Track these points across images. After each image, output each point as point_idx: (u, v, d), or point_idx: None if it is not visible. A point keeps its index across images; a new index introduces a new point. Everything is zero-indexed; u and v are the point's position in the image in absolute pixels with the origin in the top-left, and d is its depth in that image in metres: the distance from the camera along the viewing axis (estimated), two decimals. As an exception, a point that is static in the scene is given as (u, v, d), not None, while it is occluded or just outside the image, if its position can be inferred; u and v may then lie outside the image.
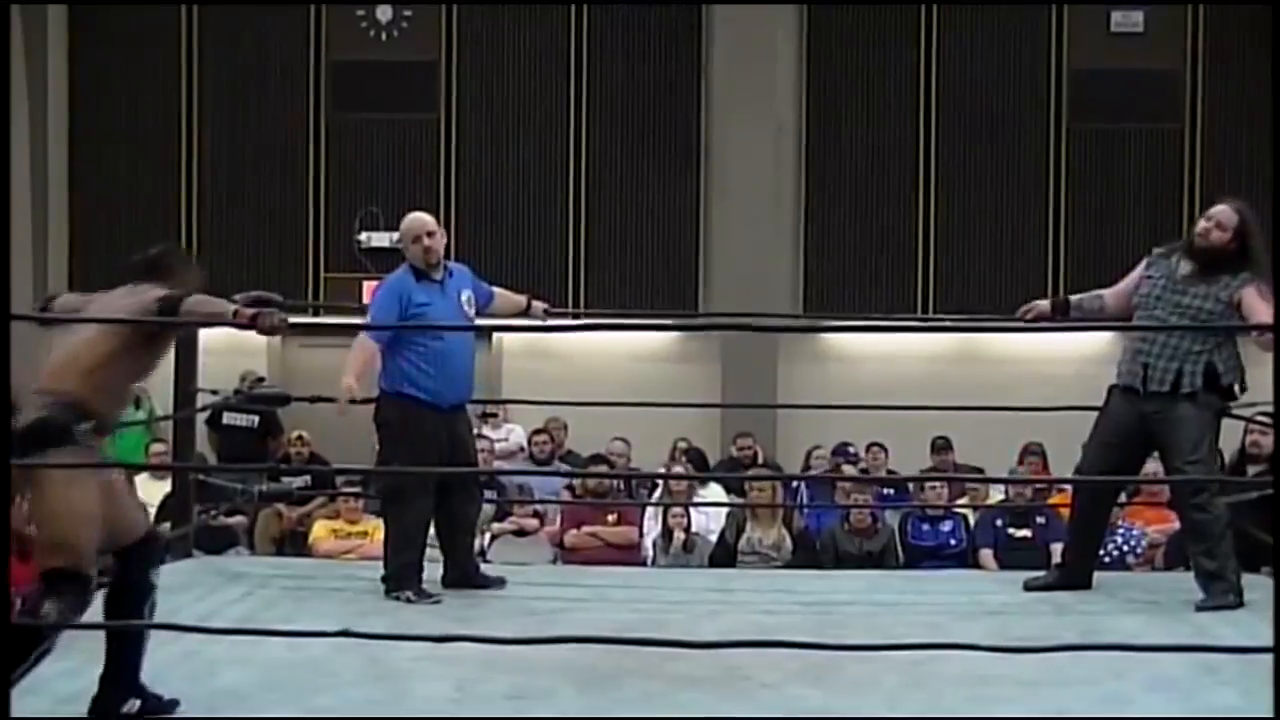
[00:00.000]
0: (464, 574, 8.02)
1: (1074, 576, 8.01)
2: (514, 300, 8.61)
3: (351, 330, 8.54)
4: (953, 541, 12.13)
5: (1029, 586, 7.97)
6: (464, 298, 8.01)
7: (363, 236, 17.17)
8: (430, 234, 8.00)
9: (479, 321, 8.24)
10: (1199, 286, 7.63)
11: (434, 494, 7.84)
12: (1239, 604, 7.36)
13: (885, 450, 14.12)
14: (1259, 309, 7.39)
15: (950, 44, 17.37)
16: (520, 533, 12.07)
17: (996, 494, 12.96)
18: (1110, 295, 8.13)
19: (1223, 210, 7.78)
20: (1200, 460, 7.54)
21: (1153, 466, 8.24)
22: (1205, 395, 7.55)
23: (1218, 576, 7.47)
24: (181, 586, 7.57)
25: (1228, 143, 17.30)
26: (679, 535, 11.86)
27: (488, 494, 12.63)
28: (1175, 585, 8.04)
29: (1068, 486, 13.17)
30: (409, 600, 7.62)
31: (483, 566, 8.50)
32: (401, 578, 7.73)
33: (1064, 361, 16.08)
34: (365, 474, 13.32)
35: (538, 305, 8.65)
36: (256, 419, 14.54)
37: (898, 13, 17.37)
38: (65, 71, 17.27)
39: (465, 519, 8.15)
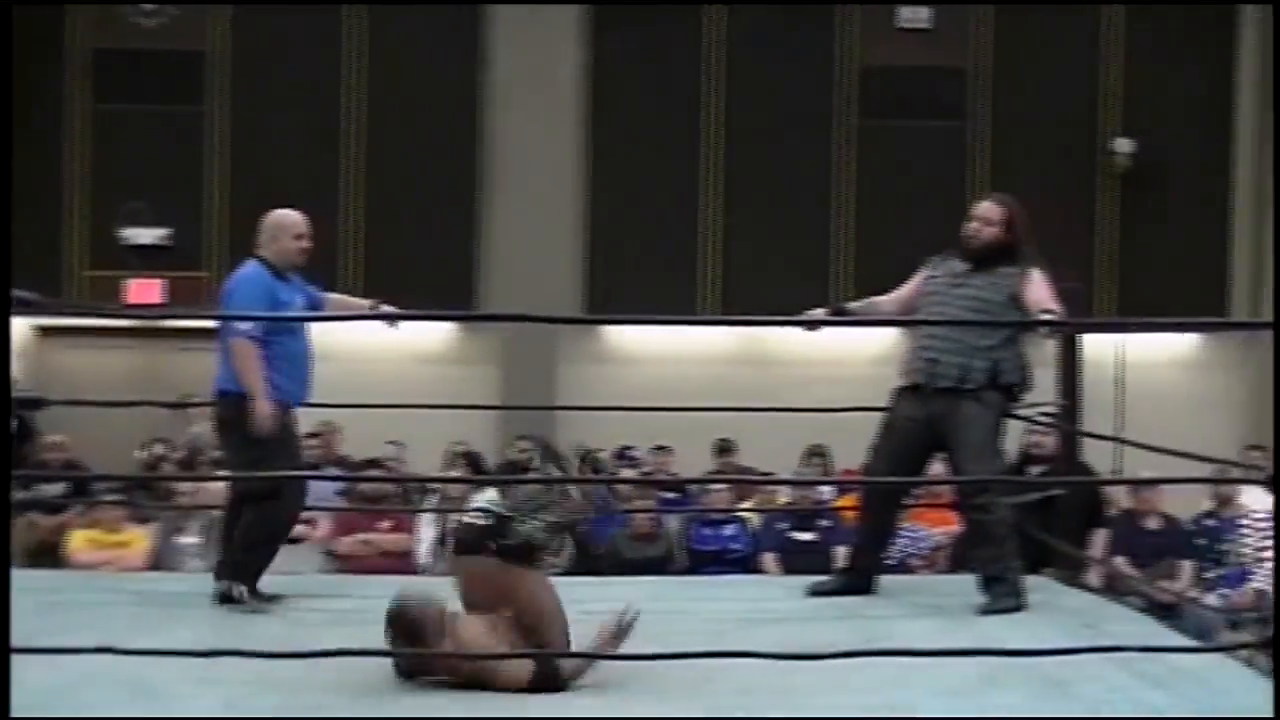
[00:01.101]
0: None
1: (859, 581, 8.07)
2: (355, 304, 8.49)
3: (115, 331, 8.38)
4: (735, 546, 12.21)
5: (813, 591, 8.02)
6: (301, 301, 7.92)
7: (126, 233, 16.85)
8: (308, 235, 7.87)
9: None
10: (980, 278, 7.81)
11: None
12: (1020, 607, 7.47)
13: (670, 453, 14.19)
14: (1043, 296, 7.58)
15: (739, 39, 17.52)
16: (289, 540, 11.91)
17: (783, 498, 13.07)
18: (889, 302, 8.22)
19: (987, 207, 7.99)
20: (985, 461, 7.62)
21: (938, 467, 8.33)
22: (989, 393, 7.67)
23: (1000, 579, 7.56)
24: (-72, 602, 7.34)
25: (1014, 139, 17.65)
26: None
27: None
28: (960, 588, 8.16)
29: (853, 489, 13.37)
30: (239, 598, 7.51)
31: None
32: (245, 571, 7.63)
33: (849, 363, 16.29)
34: (126, 480, 13.08)
35: (388, 308, 8.48)
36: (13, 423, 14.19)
37: (685, 8, 17.48)
38: None
39: (290, 527, 8.10)
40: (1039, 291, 7.64)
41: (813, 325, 8.34)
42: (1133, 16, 17.98)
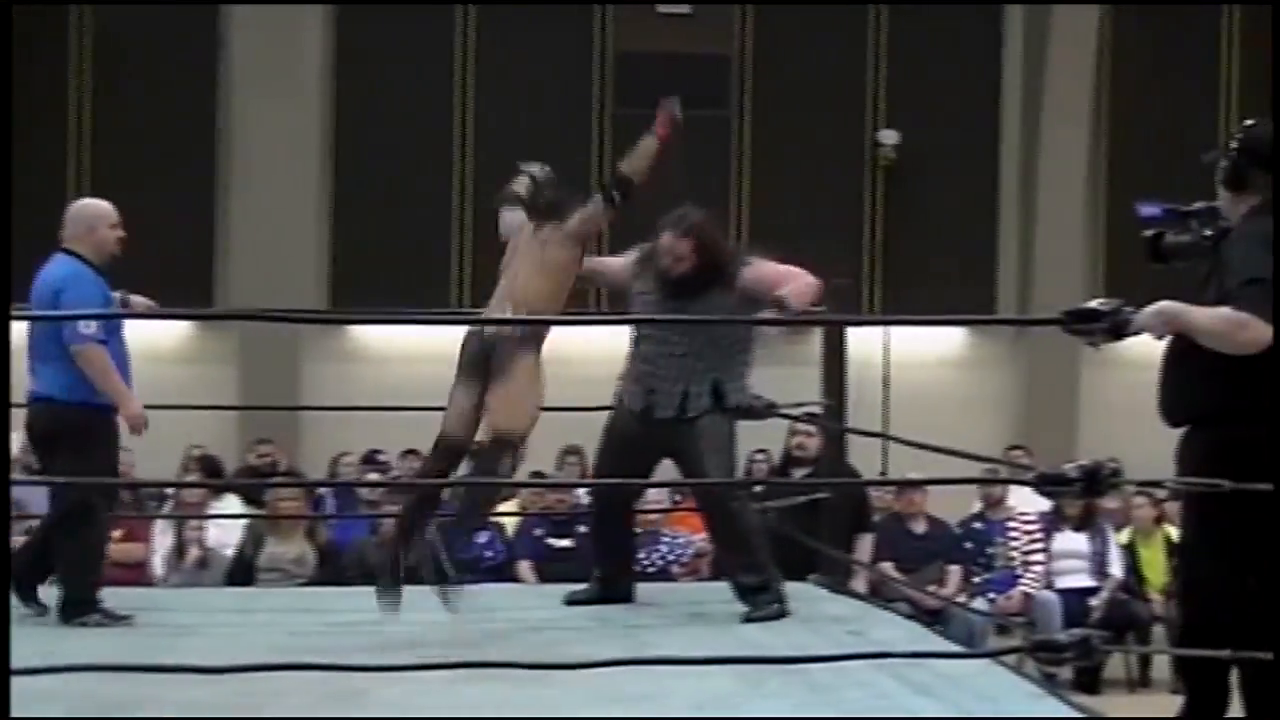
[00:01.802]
0: (88, 604, 7.70)
1: (615, 589, 8.07)
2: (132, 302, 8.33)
3: None
4: (490, 553, 12.21)
5: (570, 601, 8.04)
6: None
7: None
8: (121, 224, 7.70)
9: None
10: (695, 302, 7.65)
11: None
12: (784, 613, 7.54)
13: (420, 456, 14.13)
14: (774, 275, 7.66)
15: (491, 25, 17.53)
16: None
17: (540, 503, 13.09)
18: (616, 270, 8.29)
19: (670, 242, 7.84)
20: (719, 468, 7.62)
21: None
22: (714, 418, 7.65)
23: (760, 589, 7.60)
24: None
25: (778, 130, 17.87)
26: (194, 551, 11.66)
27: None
28: (721, 595, 8.25)
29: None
30: (99, 624, 7.35)
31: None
32: (87, 601, 7.46)
33: (600, 362, 16.33)
34: None
35: (139, 301, 8.21)
36: None
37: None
38: None
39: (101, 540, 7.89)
40: (766, 271, 7.69)
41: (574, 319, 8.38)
42: (898, 7, 18.31)
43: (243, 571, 11.51)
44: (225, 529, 12.13)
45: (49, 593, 7.70)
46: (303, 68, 17.10)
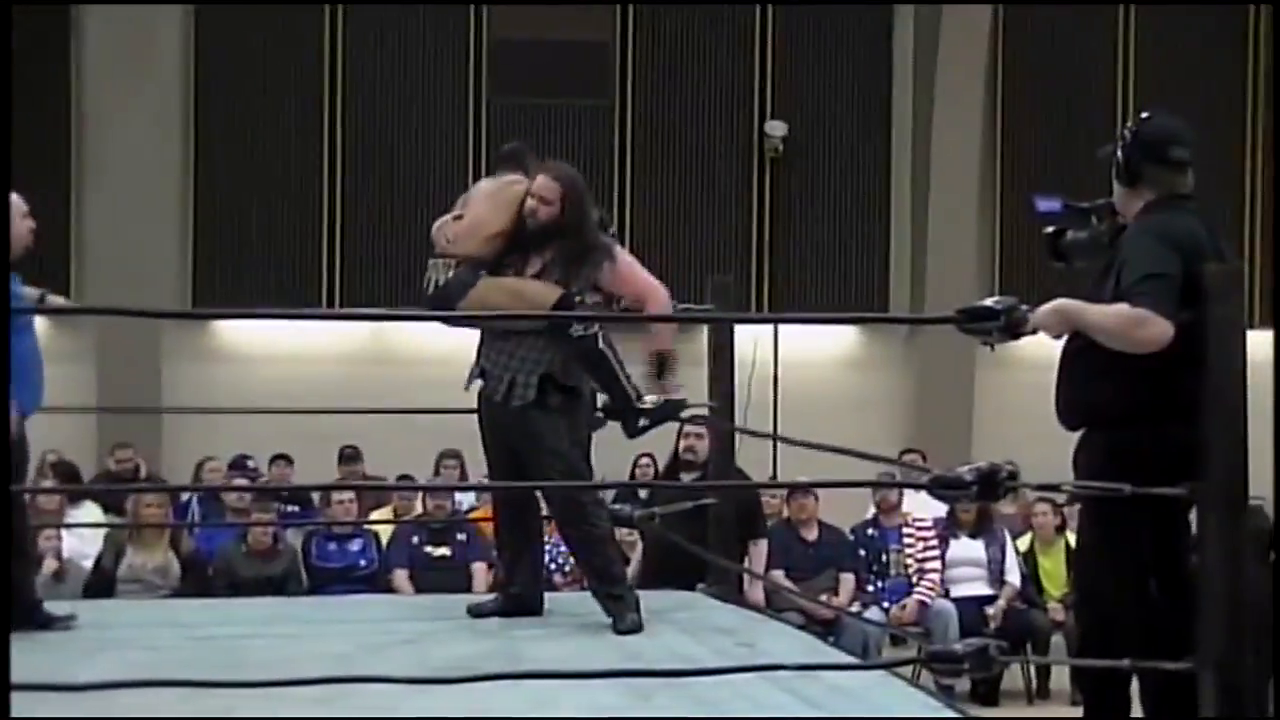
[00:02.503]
0: (26, 611, 7.59)
1: (520, 601, 7.92)
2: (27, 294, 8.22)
3: None
4: (363, 562, 12.18)
5: (473, 613, 7.93)
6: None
7: None
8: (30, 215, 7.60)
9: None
10: (538, 253, 7.45)
11: None
12: (639, 624, 7.47)
13: (290, 462, 14.07)
14: (636, 286, 7.51)
15: (359, 15, 17.46)
16: None
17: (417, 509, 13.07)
18: None
19: (543, 182, 7.43)
20: (560, 471, 7.47)
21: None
22: (555, 399, 7.52)
23: (617, 598, 7.57)
24: None
25: (659, 118, 17.90)
26: (50, 563, 11.54)
27: None
28: (606, 605, 8.25)
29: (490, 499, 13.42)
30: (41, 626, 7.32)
31: None
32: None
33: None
34: None
35: (56, 299, 8.37)
36: None
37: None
38: None
39: (26, 544, 7.86)
40: (632, 281, 7.54)
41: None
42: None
43: (102, 583, 11.41)
44: (83, 539, 12.01)
45: None
46: (160, 55, 16.96)
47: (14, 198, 7.75)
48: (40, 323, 16.45)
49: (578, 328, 7.30)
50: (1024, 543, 13.48)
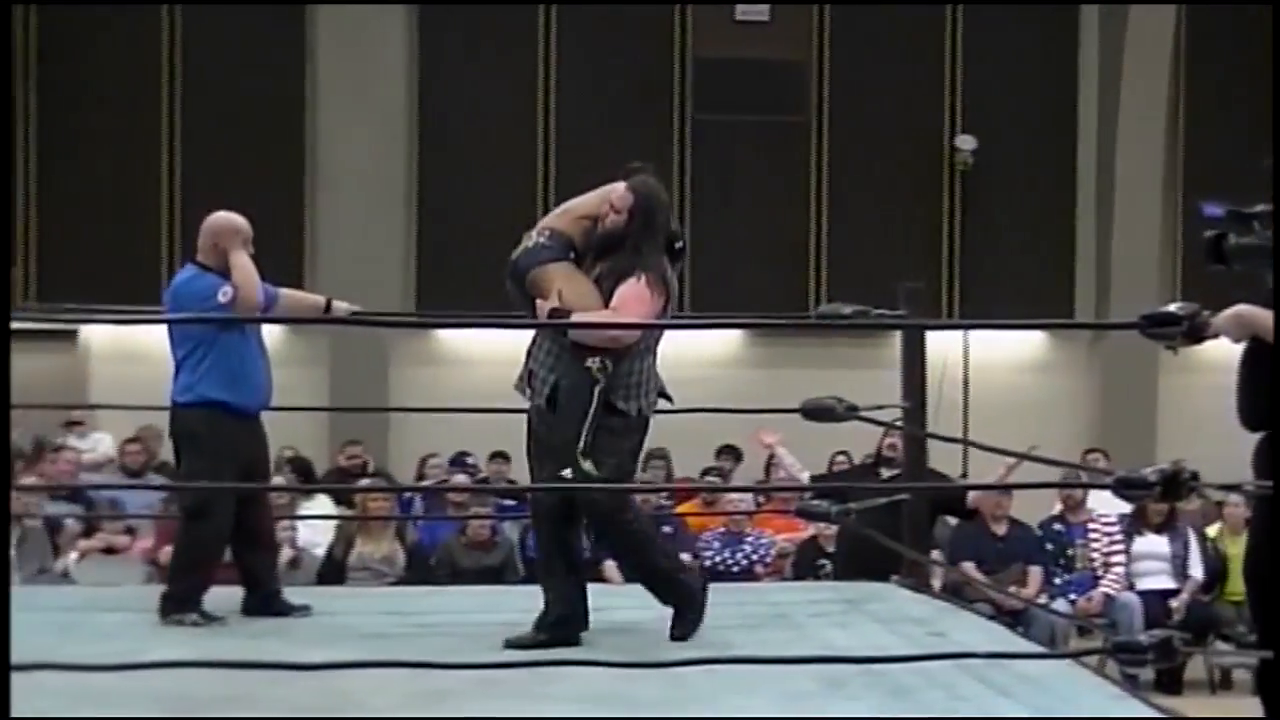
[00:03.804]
0: (266, 599, 7.78)
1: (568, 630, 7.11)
2: (309, 301, 8.38)
3: None
4: (576, 553, 12.21)
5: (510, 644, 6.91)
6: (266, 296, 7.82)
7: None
8: (251, 239, 7.78)
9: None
10: (606, 281, 6.98)
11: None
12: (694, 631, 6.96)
13: (507, 459, 14.16)
14: (618, 300, 6.87)
15: (570, 33, 17.55)
16: (110, 550, 11.79)
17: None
18: None
19: (620, 192, 7.05)
20: (582, 468, 6.84)
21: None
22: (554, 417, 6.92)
23: (683, 608, 7.05)
24: None
25: (853, 135, 17.81)
26: (286, 552, 11.72)
27: (72, 509, 12.31)
28: (803, 596, 8.23)
29: (693, 495, 13.45)
30: (194, 624, 7.41)
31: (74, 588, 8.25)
32: (186, 599, 7.51)
33: (686, 364, 16.33)
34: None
35: (341, 305, 8.28)
36: None
37: (516, 5, 17.50)
38: None
39: (262, 535, 7.92)
40: (618, 298, 6.87)
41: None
42: (974, 13, 18.21)
43: (333, 571, 11.56)
44: (316, 529, 12.19)
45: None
46: (385, 73, 17.15)
47: (239, 221, 7.88)
48: (278, 329, 16.80)
49: (594, 362, 6.80)
50: (1213, 530, 13.30)
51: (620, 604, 8.22)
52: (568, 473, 6.78)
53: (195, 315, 7.57)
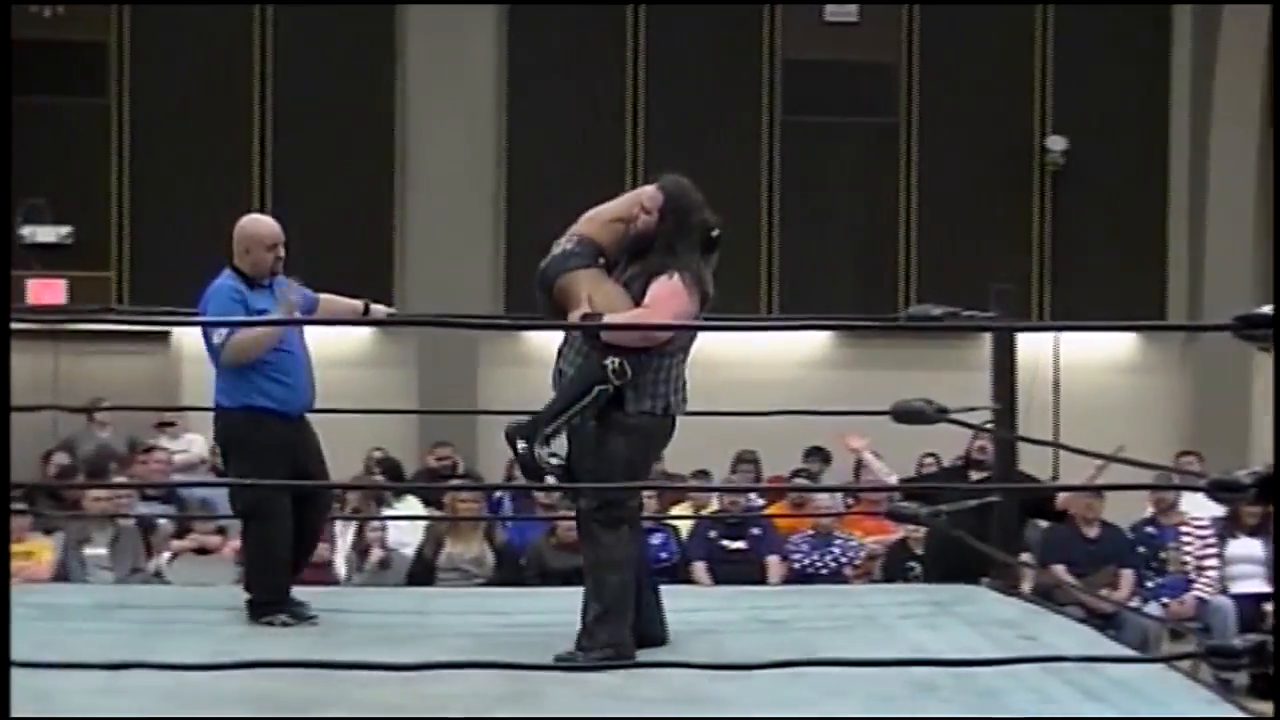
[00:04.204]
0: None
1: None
2: (346, 305, 8.40)
3: (16, 334, 8.22)
4: (664, 554, 12.22)
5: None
6: (304, 301, 7.89)
7: (26, 231, 16.72)
8: (284, 244, 7.85)
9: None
10: (636, 283, 6.91)
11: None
12: (595, 663, 6.41)
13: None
14: (654, 300, 6.76)
15: (659, 34, 17.55)
16: (202, 550, 11.87)
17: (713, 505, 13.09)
18: None
19: (649, 192, 7.05)
20: (602, 476, 6.75)
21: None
22: (616, 415, 6.82)
23: (589, 627, 6.69)
24: None
25: (943, 137, 17.74)
26: (376, 552, 11.78)
27: (165, 509, 12.42)
28: (892, 598, 8.20)
29: (781, 496, 13.43)
30: (284, 624, 7.48)
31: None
32: (273, 601, 7.59)
33: (776, 366, 16.35)
34: (30, 488, 12.99)
35: (379, 309, 8.39)
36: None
37: (604, 5, 17.52)
38: None
39: (305, 535, 7.95)
40: (651, 295, 6.78)
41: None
42: (1065, 12, 18.11)
43: (423, 572, 11.60)
44: (406, 530, 12.24)
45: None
46: (474, 74, 17.21)
47: (269, 227, 7.95)
48: (367, 331, 16.90)
49: (612, 362, 6.71)
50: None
51: (708, 605, 8.23)
52: (522, 445, 6.81)
53: (243, 319, 7.65)
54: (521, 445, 6.84)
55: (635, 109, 17.67)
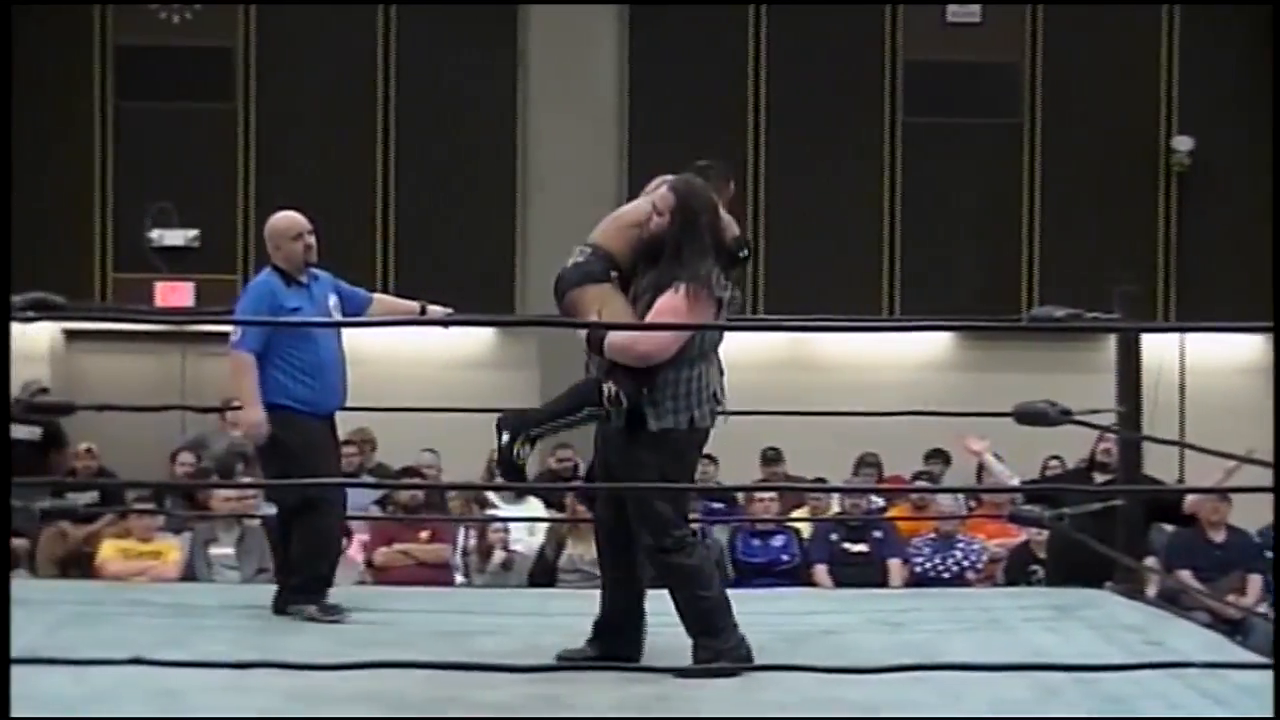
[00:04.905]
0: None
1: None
2: (403, 306, 8.45)
3: (144, 336, 8.42)
4: (785, 557, 12.22)
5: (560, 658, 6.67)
6: (331, 303, 7.97)
7: (154, 234, 16.92)
8: (311, 232, 7.94)
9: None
10: (646, 293, 6.64)
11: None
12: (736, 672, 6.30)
13: (715, 462, 14.15)
14: (656, 318, 6.50)
15: (781, 35, 17.50)
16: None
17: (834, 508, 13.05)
18: None
19: (661, 193, 6.76)
20: (633, 496, 6.59)
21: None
22: (642, 433, 6.58)
23: (702, 643, 6.46)
24: (-45, 614, 7.40)
25: (1067, 137, 17.58)
26: (498, 553, 11.83)
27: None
28: (1014, 602, 8.13)
29: (902, 499, 13.37)
30: (310, 617, 7.57)
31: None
32: (309, 590, 7.69)
33: (896, 368, 16.27)
34: (159, 488, 13.15)
35: (436, 309, 8.37)
36: (39, 431, 14.27)
37: (728, 6, 17.49)
38: None
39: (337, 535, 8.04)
40: (653, 313, 6.51)
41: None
42: (1191, 11, 17.90)
43: (544, 573, 11.63)
44: (525, 531, 12.29)
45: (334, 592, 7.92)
46: (596, 73, 17.23)
47: (292, 217, 8.02)
48: (488, 332, 16.95)
49: (610, 389, 6.56)
50: None
51: (829, 608, 8.21)
52: (505, 439, 6.74)
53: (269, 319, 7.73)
54: (505, 438, 6.73)
55: (756, 109, 17.62)
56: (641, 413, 6.53)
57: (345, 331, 8.18)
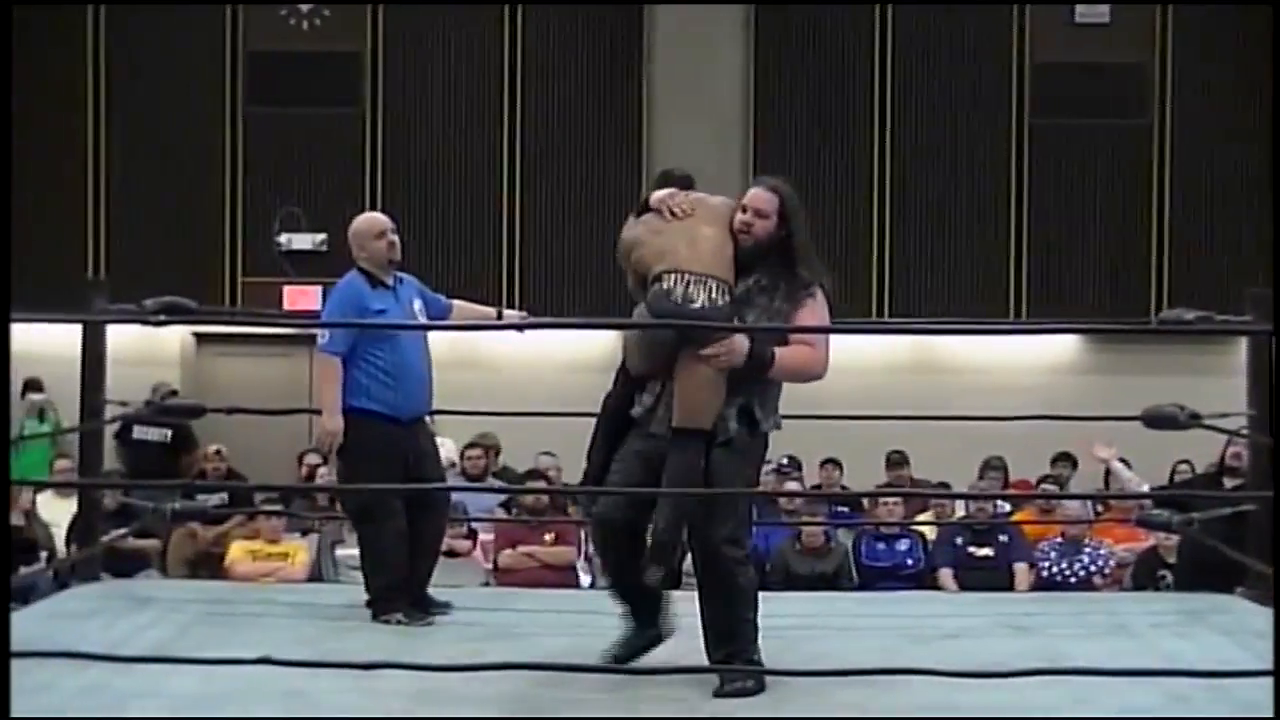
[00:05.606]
0: (415, 599, 7.93)
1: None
2: (480, 312, 8.47)
3: (273, 339, 8.52)
4: (909, 561, 12.15)
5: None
6: (416, 306, 8.00)
7: (283, 238, 17.10)
8: (395, 230, 8.03)
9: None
10: (763, 297, 6.44)
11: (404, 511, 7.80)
12: (757, 690, 6.19)
13: (839, 466, 14.12)
14: (816, 339, 6.39)
15: (908, 37, 17.44)
16: (451, 554, 12.03)
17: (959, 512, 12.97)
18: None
19: (756, 194, 6.57)
20: (734, 516, 6.47)
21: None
22: (745, 440, 6.43)
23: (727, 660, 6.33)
24: (88, 613, 7.50)
25: (1197, 137, 17.40)
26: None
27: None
28: (1143, 607, 8.05)
29: (1029, 503, 13.26)
30: (400, 622, 7.59)
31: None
32: (387, 599, 7.71)
33: (1022, 371, 16.15)
34: (289, 491, 13.27)
35: (512, 314, 8.44)
36: (169, 433, 14.46)
37: (852, 7, 17.43)
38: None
39: (425, 539, 7.99)
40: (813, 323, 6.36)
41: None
42: (1317, 9, 17.68)
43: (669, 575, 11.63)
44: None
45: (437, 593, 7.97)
46: (721, 74, 17.24)
47: (375, 216, 8.08)
48: (609, 336, 16.96)
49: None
50: None
51: (955, 612, 8.16)
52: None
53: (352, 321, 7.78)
54: (656, 573, 6.54)
55: (882, 112, 17.56)
56: (755, 419, 6.39)
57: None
